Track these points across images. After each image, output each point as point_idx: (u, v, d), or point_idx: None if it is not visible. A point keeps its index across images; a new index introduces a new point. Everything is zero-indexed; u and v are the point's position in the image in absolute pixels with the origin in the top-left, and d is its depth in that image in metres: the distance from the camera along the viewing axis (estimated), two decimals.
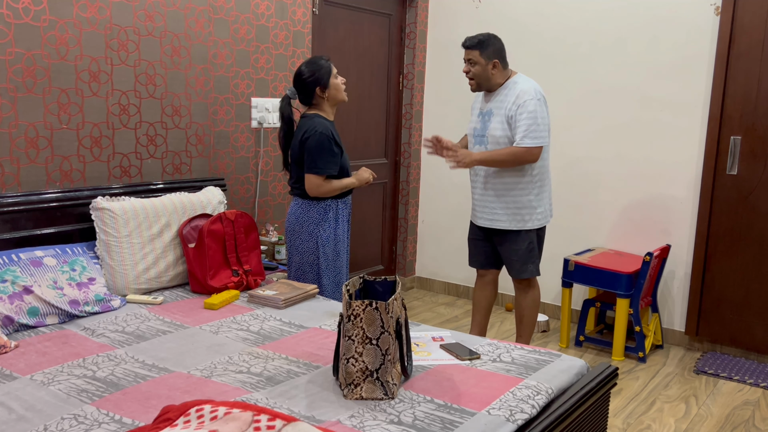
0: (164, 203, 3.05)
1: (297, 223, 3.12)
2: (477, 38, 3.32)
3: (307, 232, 3.11)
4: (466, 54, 3.35)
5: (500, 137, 3.31)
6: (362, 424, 1.80)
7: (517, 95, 3.27)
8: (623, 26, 4.14)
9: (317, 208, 3.10)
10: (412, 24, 4.86)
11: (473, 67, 3.33)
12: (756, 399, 3.41)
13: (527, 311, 3.54)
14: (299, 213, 3.12)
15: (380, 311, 1.95)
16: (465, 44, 3.35)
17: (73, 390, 1.97)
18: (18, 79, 2.77)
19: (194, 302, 2.86)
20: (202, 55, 3.47)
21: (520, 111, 3.24)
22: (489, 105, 3.38)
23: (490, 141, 3.34)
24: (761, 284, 3.81)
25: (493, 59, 3.31)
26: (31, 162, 2.86)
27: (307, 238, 3.11)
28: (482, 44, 3.30)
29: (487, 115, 3.38)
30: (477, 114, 3.45)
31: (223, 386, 2.03)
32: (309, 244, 3.12)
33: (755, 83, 3.73)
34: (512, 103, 3.28)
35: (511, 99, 3.29)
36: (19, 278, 2.51)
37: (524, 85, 3.31)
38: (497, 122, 3.32)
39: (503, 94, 3.34)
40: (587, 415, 2.17)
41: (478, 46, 3.30)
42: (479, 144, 3.40)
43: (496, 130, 3.32)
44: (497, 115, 3.32)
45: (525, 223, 3.38)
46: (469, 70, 3.34)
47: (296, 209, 3.13)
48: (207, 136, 3.57)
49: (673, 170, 4.06)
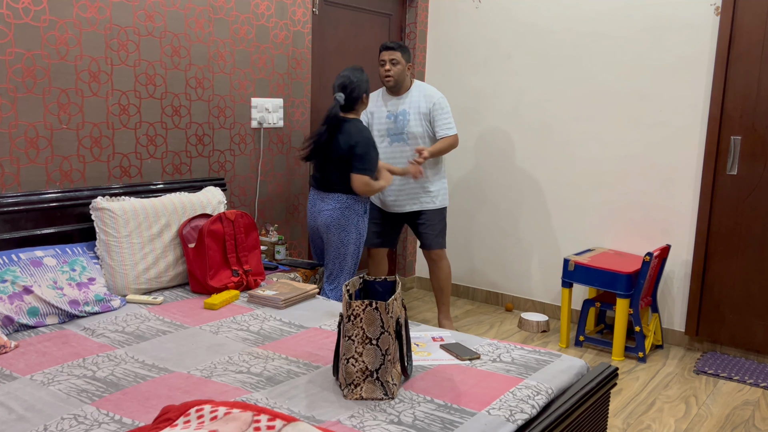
0: (164, 203, 3.05)
1: (343, 218, 3.43)
2: (398, 42, 3.82)
3: (353, 224, 3.45)
4: (388, 54, 3.77)
5: (418, 133, 3.82)
6: (362, 424, 1.80)
7: (427, 96, 3.83)
8: (623, 26, 4.14)
9: (360, 203, 3.47)
10: (412, 24, 4.86)
11: (395, 66, 3.78)
12: (756, 399, 3.41)
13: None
14: (344, 208, 3.42)
15: (380, 311, 1.95)
16: (389, 46, 3.77)
17: (73, 390, 1.97)
18: (18, 79, 2.77)
19: (194, 302, 2.86)
20: (202, 55, 3.47)
21: (435, 108, 3.81)
22: (401, 106, 3.84)
23: (410, 137, 3.83)
24: (761, 284, 3.81)
25: (409, 62, 3.83)
26: (31, 162, 2.86)
27: (353, 230, 3.45)
28: (403, 48, 3.80)
29: (401, 115, 3.84)
30: (386, 115, 3.88)
31: (223, 386, 2.03)
32: (353, 236, 3.46)
33: (755, 83, 3.73)
34: (425, 103, 3.81)
35: (421, 100, 3.82)
36: (19, 278, 2.51)
37: (428, 87, 3.88)
38: (415, 121, 3.82)
39: (412, 96, 3.85)
40: (587, 415, 2.17)
41: (401, 49, 3.79)
42: (397, 141, 3.86)
43: (415, 128, 3.82)
44: (413, 115, 3.82)
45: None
46: (391, 69, 3.77)
47: (340, 204, 3.43)
48: (207, 136, 3.57)
49: (673, 170, 4.06)
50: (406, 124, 3.82)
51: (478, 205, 4.86)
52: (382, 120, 3.89)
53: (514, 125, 4.62)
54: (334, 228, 3.45)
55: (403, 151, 3.86)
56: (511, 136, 4.64)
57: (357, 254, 3.54)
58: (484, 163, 4.78)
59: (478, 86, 4.75)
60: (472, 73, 4.77)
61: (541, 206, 4.57)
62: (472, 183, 4.86)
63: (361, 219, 3.50)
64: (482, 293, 4.93)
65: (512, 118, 4.62)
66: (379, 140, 3.88)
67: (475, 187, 4.86)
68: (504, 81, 4.63)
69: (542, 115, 4.50)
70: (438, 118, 3.82)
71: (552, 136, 4.47)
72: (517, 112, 4.60)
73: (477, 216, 4.88)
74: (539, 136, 4.52)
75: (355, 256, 3.53)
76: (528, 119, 4.56)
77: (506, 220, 4.74)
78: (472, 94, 4.77)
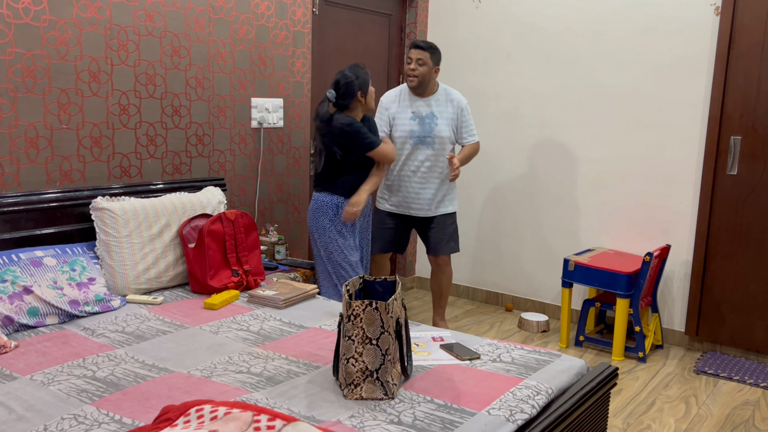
0: (164, 203, 3.05)
1: (314, 219, 3.34)
2: (429, 43, 3.73)
3: (322, 227, 3.31)
4: (416, 53, 3.69)
5: (446, 138, 3.76)
6: (362, 424, 1.80)
7: (455, 100, 3.80)
8: (623, 26, 4.14)
9: (332, 204, 3.30)
10: (412, 24, 4.86)
11: (421, 66, 3.69)
12: (756, 399, 3.41)
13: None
14: (315, 209, 3.33)
15: (380, 311, 1.95)
16: (419, 45, 3.70)
17: (73, 390, 1.97)
18: (18, 79, 2.77)
19: (194, 302, 2.86)
20: (202, 55, 3.47)
21: (463, 114, 3.80)
22: (428, 109, 3.77)
23: (437, 142, 3.75)
24: (761, 284, 3.81)
25: (436, 65, 3.74)
26: (31, 162, 2.86)
27: (320, 233, 3.31)
28: (433, 49, 3.71)
29: (428, 118, 3.76)
30: (410, 117, 3.77)
31: (223, 386, 2.03)
32: (322, 239, 3.33)
33: (755, 83, 3.73)
34: (452, 108, 3.79)
35: (449, 104, 3.79)
36: (19, 278, 2.51)
37: (454, 91, 3.84)
38: (444, 125, 3.76)
39: (440, 100, 3.79)
40: (587, 415, 2.17)
41: (430, 50, 3.70)
42: (422, 144, 3.75)
43: (443, 132, 3.75)
44: (442, 119, 3.76)
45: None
46: (416, 68, 3.69)
47: (314, 204, 3.34)
48: (207, 136, 3.57)
49: (673, 170, 4.06)
50: (434, 128, 3.73)
51: (478, 205, 4.86)
52: (405, 121, 3.76)
53: (514, 125, 4.62)
54: (310, 229, 3.38)
55: (426, 154, 3.75)
56: (511, 136, 4.64)
57: (334, 261, 3.31)
58: (484, 163, 4.78)
59: (478, 86, 4.75)
60: (472, 73, 4.77)
61: (541, 206, 4.57)
62: (472, 183, 4.86)
63: (332, 222, 3.30)
64: (482, 293, 4.93)
65: (512, 118, 4.62)
66: (401, 143, 3.77)
67: (475, 187, 4.85)
68: (504, 81, 4.63)
69: (542, 115, 4.50)
70: (465, 124, 3.80)
71: (552, 136, 4.47)
72: (517, 112, 4.60)
73: (477, 216, 4.88)
74: (539, 136, 4.52)
75: (333, 263, 3.31)
76: (528, 119, 4.56)
77: (506, 220, 4.74)
78: (472, 94, 4.77)
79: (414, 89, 3.76)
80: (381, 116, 3.81)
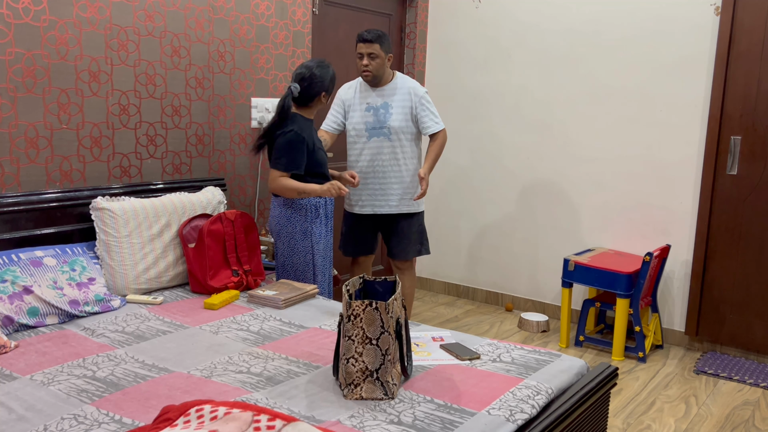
0: (164, 203, 3.05)
1: (288, 223, 3.16)
2: (376, 32, 3.47)
3: (301, 231, 3.15)
4: (365, 48, 3.47)
5: (402, 128, 3.55)
6: (362, 424, 1.80)
7: (412, 89, 3.56)
8: (623, 26, 4.14)
9: (309, 206, 3.15)
10: (412, 24, 4.86)
11: (374, 60, 3.48)
12: (756, 399, 3.41)
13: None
14: (284, 212, 3.16)
15: (380, 311, 1.95)
16: (366, 38, 3.46)
17: (73, 390, 1.97)
18: (18, 79, 2.77)
19: (194, 302, 2.86)
20: (202, 55, 3.47)
21: (422, 102, 3.54)
22: (381, 99, 3.56)
23: (392, 132, 3.56)
24: (761, 284, 3.81)
25: (389, 53, 3.53)
26: (31, 162, 2.86)
27: (301, 237, 3.16)
28: (382, 38, 3.47)
29: (382, 108, 3.56)
30: (365, 108, 3.58)
31: (223, 386, 2.03)
32: (300, 245, 3.17)
33: (755, 83, 3.73)
34: (409, 97, 3.55)
35: (405, 94, 3.55)
36: (19, 278, 2.51)
37: (411, 80, 3.61)
38: (398, 114, 3.54)
39: (395, 88, 3.57)
40: (587, 415, 2.17)
41: (379, 40, 3.46)
42: (377, 136, 3.57)
43: (398, 122, 3.54)
44: (397, 108, 3.54)
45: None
46: (369, 63, 3.48)
47: (279, 208, 3.17)
48: (207, 136, 3.57)
49: (673, 170, 4.06)
50: (389, 118, 3.53)
51: (478, 204, 4.86)
52: (360, 113, 3.59)
53: (514, 125, 4.62)
54: (277, 235, 3.21)
55: (383, 147, 3.56)
56: (511, 136, 4.64)
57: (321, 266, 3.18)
58: (484, 163, 4.78)
59: (478, 86, 4.75)
60: (472, 72, 4.77)
61: (541, 206, 4.57)
62: (472, 183, 4.86)
63: (314, 224, 3.16)
64: (482, 293, 4.93)
65: (512, 117, 4.62)
66: (356, 138, 3.60)
67: (475, 187, 4.86)
68: (504, 81, 4.63)
69: (542, 115, 4.50)
70: (425, 113, 3.54)
71: (552, 136, 4.47)
72: (517, 112, 4.60)
73: (477, 216, 4.88)
74: (539, 136, 4.52)
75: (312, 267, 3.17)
76: (528, 119, 4.56)
77: (506, 220, 4.74)
78: (472, 94, 4.77)
79: (370, 82, 3.57)
80: (337, 109, 3.66)
